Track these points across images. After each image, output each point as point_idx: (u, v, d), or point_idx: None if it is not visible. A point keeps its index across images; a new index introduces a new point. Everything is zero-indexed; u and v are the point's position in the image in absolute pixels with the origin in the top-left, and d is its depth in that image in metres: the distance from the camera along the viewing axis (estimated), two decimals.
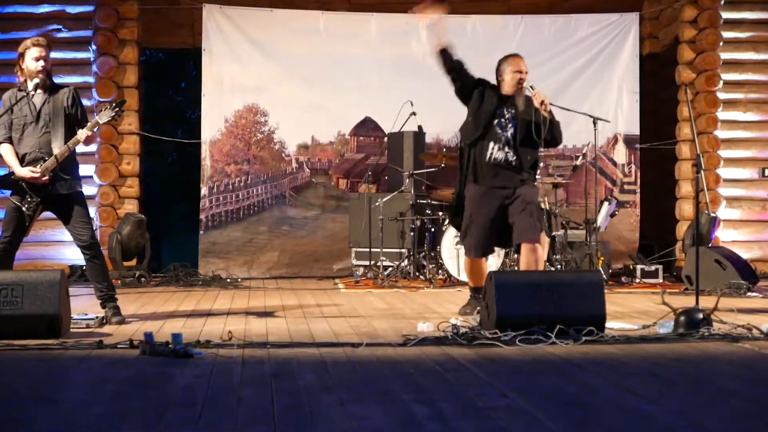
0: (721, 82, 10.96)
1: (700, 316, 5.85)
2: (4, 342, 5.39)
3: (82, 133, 6.34)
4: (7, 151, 6.50)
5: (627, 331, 5.94)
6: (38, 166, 6.36)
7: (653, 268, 10.09)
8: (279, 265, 11.17)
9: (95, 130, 6.41)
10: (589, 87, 11.30)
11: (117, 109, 6.47)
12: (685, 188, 11.15)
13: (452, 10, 10.86)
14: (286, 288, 9.68)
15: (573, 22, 11.39)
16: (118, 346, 5.37)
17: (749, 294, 8.64)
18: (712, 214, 10.25)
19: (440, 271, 9.72)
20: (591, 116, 9.05)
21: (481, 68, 7.14)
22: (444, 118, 10.28)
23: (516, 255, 7.45)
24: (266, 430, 3.44)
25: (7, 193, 6.49)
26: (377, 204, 9.99)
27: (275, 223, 11.28)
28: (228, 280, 10.21)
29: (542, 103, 6.77)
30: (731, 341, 5.61)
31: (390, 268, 9.93)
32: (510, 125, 6.89)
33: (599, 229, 9.78)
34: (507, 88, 6.96)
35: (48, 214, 6.66)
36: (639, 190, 11.51)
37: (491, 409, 3.79)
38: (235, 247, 11.15)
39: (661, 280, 9.93)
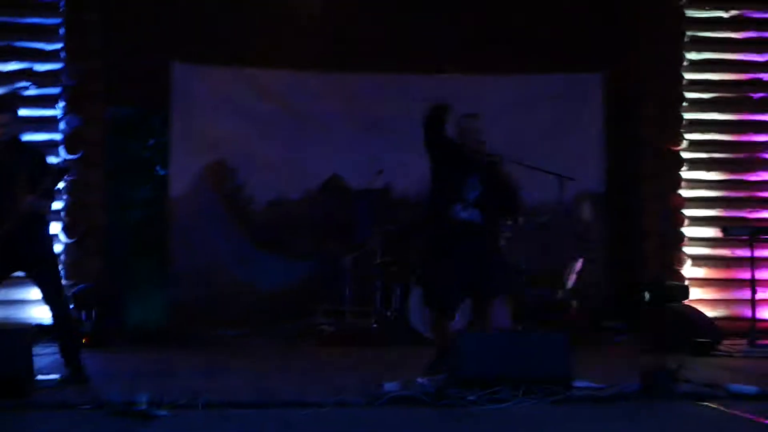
0: (685, 142, 11.10)
1: (666, 374, 5.89)
2: None
3: (26, 204, 6.26)
4: None
5: (593, 390, 5.95)
6: None
7: (619, 325, 10.11)
8: (246, 322, 11.05)
9: (40, 201, 6.35)
10: (554, 145, 11.24)
11: (61, 176, 6.46)
12: (651, 245, 11.21)
13: (415, 69, 11.02)
14: (253, 345, 9.60)
15: (536, 82, 11.46)
16: (82, 406, 5.32)
17: (714, 353, 8.69)
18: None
19: (407, 330, 9.68)
20: (556, 174, 9.11)
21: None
22: (412, 176, 10.29)
23: (480, 311, 7.44)
24: None
25: None
26: (344, 261, 9.99)
27: (243, 279, 11.20)
28: (195, 337, 10.09)
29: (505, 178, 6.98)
30: (696, 400, 5.64)
31: (357, 325, 9.90)
32: (476, 186, 6.95)
33: (566, 287, 9.81)
34: (467, 148, 7.03)
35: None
36: (605, 247, 11.54)
37: None
38: (203, 303, 11.02)
39: (627, 338, 9.94)
